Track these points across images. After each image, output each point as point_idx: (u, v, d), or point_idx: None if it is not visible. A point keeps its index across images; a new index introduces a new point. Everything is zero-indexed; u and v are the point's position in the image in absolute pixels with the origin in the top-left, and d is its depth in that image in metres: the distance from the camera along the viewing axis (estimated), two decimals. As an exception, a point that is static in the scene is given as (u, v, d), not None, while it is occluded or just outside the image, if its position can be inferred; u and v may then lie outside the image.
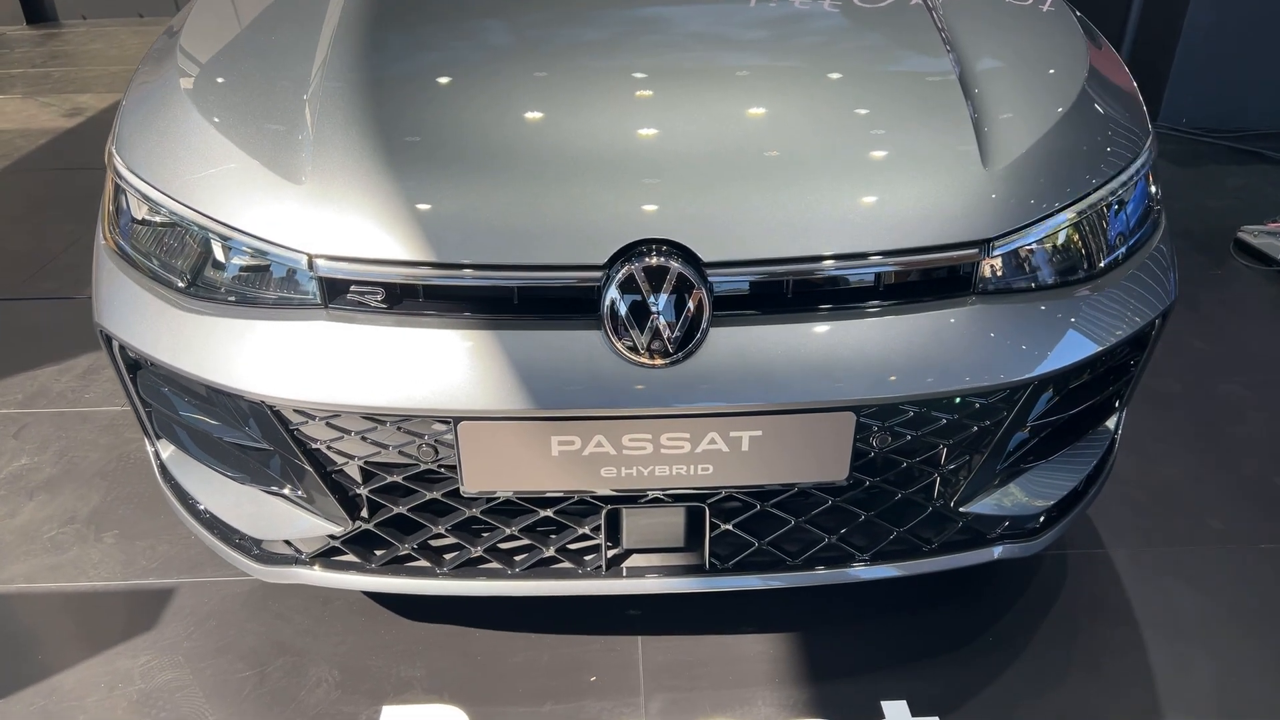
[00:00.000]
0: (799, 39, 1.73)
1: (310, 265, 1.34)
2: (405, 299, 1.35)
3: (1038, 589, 1.87)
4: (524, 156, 1.39)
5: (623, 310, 1.30)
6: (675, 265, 1.30)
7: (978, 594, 1.85)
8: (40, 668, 1.70)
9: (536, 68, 1.60)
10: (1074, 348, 1.43)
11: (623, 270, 1.30)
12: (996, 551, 1.59)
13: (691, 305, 1.30)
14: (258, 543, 1.56)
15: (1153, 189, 1.62)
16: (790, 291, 1.36)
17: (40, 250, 3.25)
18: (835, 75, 1.60)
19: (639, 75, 1.57)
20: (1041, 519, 1.63)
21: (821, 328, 1.35)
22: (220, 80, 1.61)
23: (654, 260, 1.30)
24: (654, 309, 1.30)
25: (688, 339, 1.31)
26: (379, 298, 1.35)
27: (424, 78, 1.57)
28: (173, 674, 1.69)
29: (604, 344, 1.32)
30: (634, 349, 1.31)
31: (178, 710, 1.62)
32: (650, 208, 1.34)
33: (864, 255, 1.34)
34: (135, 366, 1.53)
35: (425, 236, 1.32)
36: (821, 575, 1.53)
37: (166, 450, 1.65)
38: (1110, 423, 1.73)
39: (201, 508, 1.60)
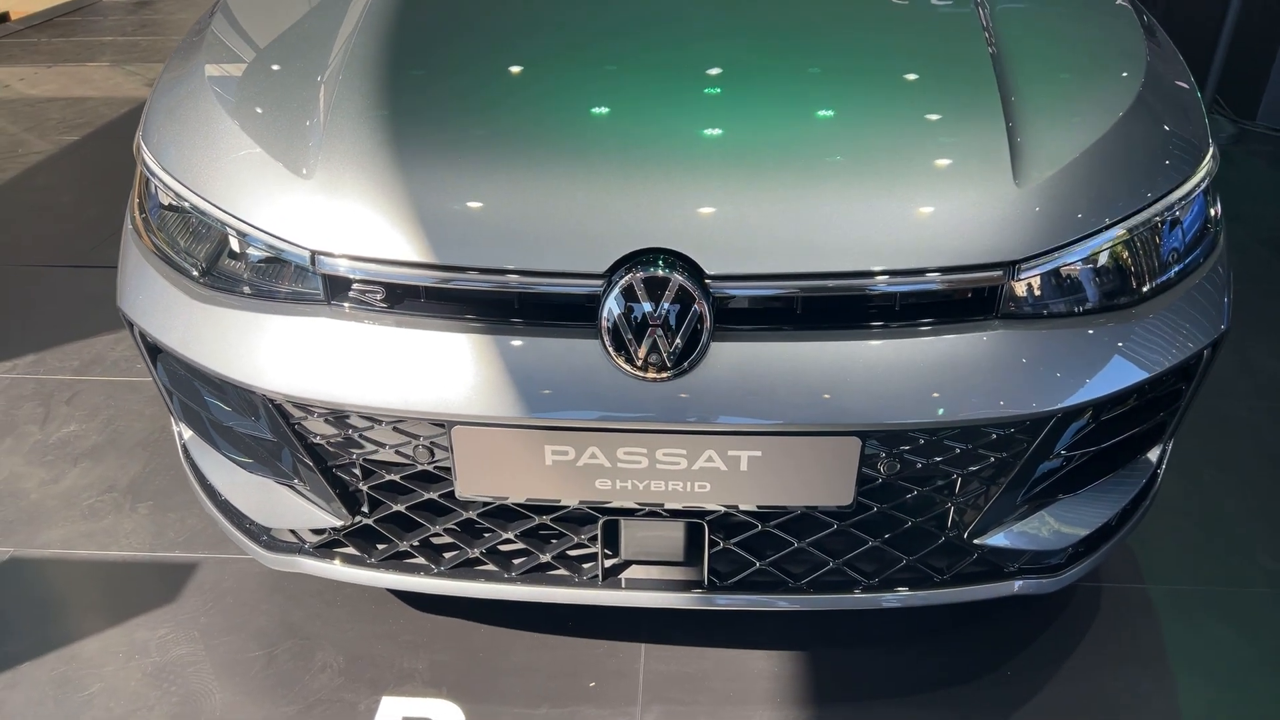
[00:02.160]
0: (824, 36, 1.65)
1: (313, 261, 1.34)
2: (405, 299, 1.34)
3: (1066, 622, 1.78)
4: (530, 160, 1.36)
5: (621, 321, 1.26)
6: (677, 277, 1.26)
7: (999, 622, 1.77)
8: (65, 633, 1.76)
9: (551, 71, 1.56)
10: (1106, 380, 1.34)
11: (623, 280, 1.26)
12: (1016, 586, 1.52)
13: (691, 319, 1.26)
14: (266, 530, 1.58)
15: (1212, 209, 1.50)
16: (796, 308, 1.30)
17: (110, 218, 3.36)
18: (858, 78, 1.52)
19: (652, 80, 1.52)
20: (1068, 553, 1.54)
21: (828, 347, 1.29)
22: (242, 72, 1.62)
23: (655, 271, 1.26)
24: (653, 321, 1.26)
25: (687, 353, 1.27)
26: (379, 297, 1.35)
27: (437, 75, 1.55)
28: (187, 648, 1.73)
29: (601, 354, 1.29)
30: (631, 361, 1.27)
31: (188, 685, 1.67)
32: (654, 216, 1.30)
33: (875, 273, 1.28)
34: (156, 350, 1.56)
35: (427, 237, 1.31)
36: (824, 600, 1.48)
37: (187, 432, 1.68)
38: (1152, 454, 1.62)
39: (216, 491, 1.63)
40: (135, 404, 2.41)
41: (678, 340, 1.26)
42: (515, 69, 1.56)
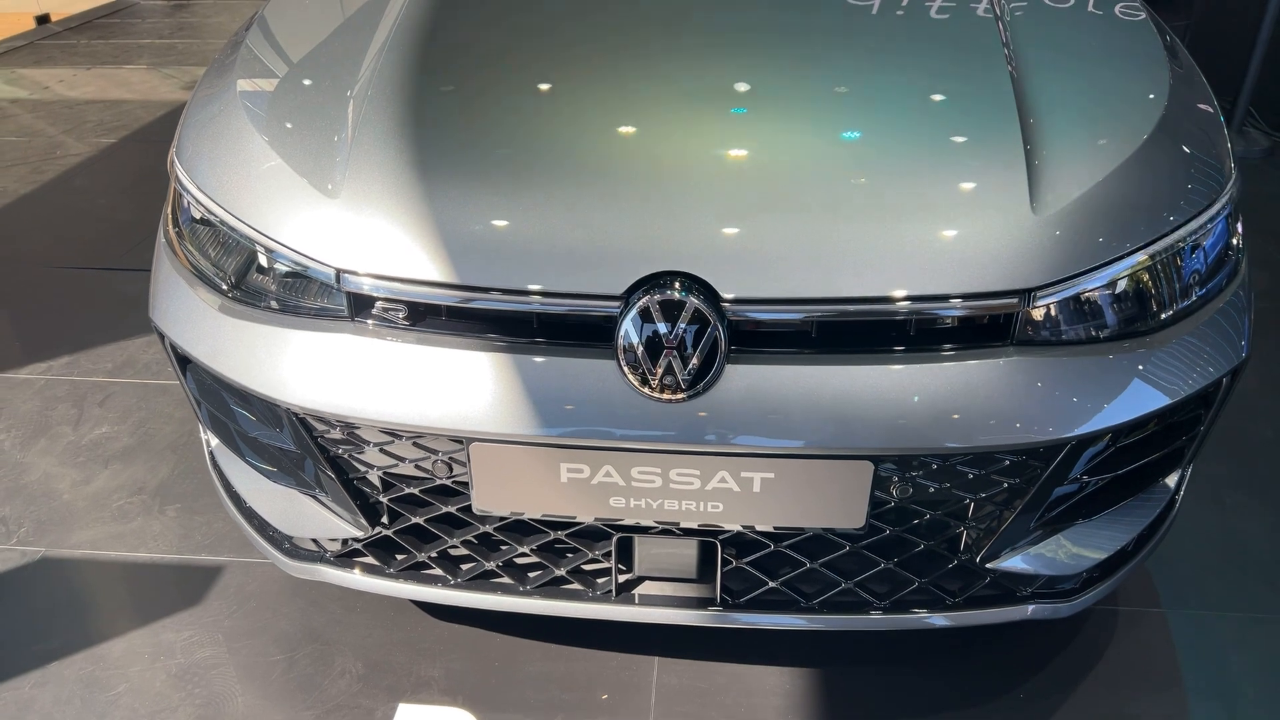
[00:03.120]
0: (843, 60, 1.66)
1: (338, 279, 1.37)
2: (427, 317, 1.37)
3: (1081, 645, 1.77)
4: (550, 182, 1.38)
5: (637, 342, 1.28)
6: (692, 300, 1.27)
7: (1014, 644, 1.77)
8: (93, 633, 1.81)
9: (572, 92, 1.58)
10: (1121, 408, 1.34)
11: (639, 302, 1.28)
12: (1029, 610, 1.52)
13: (706, 341, 1.27)
14: (288, 538, 1.62)
15: (1234, 237, 1.50)
16: (810, 332, 1.31)
17: (144, 221, 3.43)
18: (876, 102, 1.53)
19: (673, 104, 1.53)
20: (1082, 578, 1.54)
21: (842, 371, 1.30)
22: (274, 87, 1.66)
23: (671, 294, 1.28)
24: (668, 343, 1.28)
25: (701, 375, 1.29)
26: (402, 314, 1.37)
27: (462, 93, 1.58)
28: (211, 651, 1.77)
29: (617, 375, 1.31)
30: (646, 382, 1.29)
31: (210, 688, 1.70)
32: (671, 240, 1.31)
33: (889, 299, 1.28)
34: (185, 361, 1.60)
35: (449, 257, 1.33)
36: (836, 620, 1.49)
37: (214, 440, 1.72)
38: (1170, 480, 1.62)
39: (241, 498, 1.67)
40: (165, 407, 2.46)
41: (693, 362, 1.28)
42: (538, 89, 1.59)
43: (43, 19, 6.39)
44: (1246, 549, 1.98)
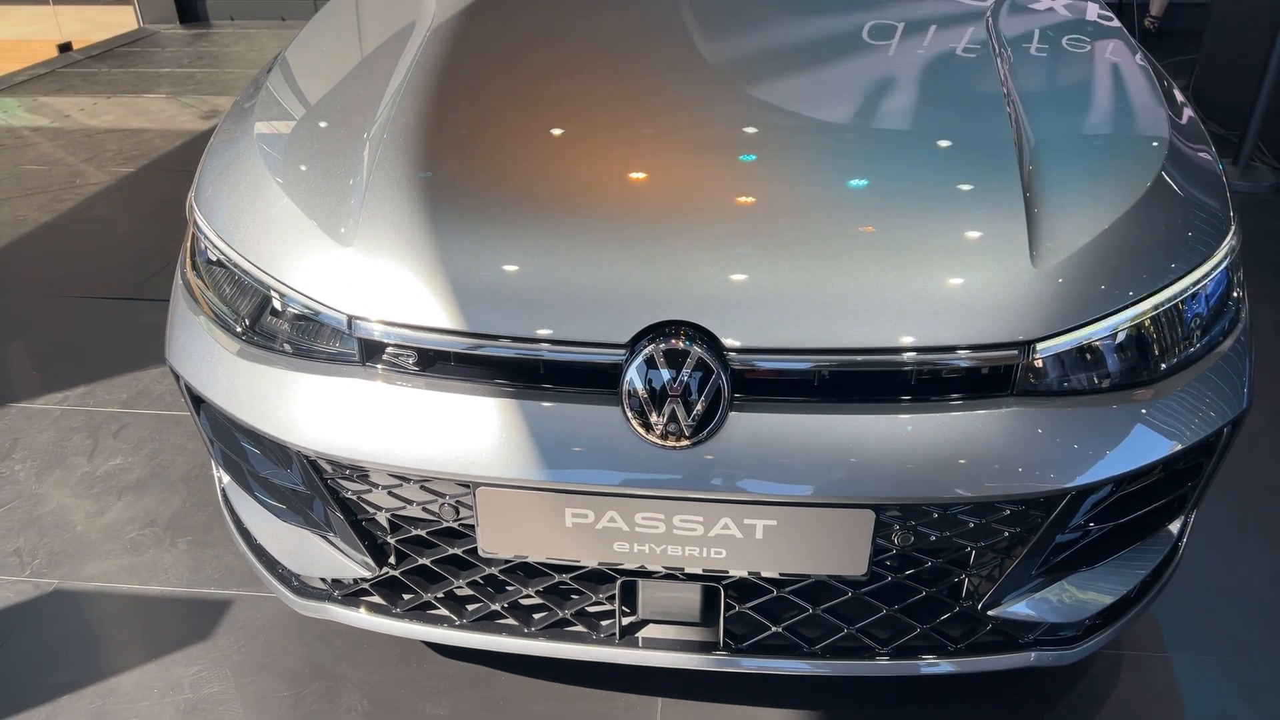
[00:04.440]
0: (846, 109, 1.69)
1: (350, 325, 1.40)
2: (436, 363, 1.39)
3: (1085, 689, 1.77)
4: (557, 232, 1.41)
5: (641, 390, 1.30)
6: (696, 349, 1.30)
7: (1017, 688, 1.77)
8: (104, 666, 1.83)
9: (581, 142, 1.62)
10: (1121, 458, 1.35)
11: (644, 351, 1.30)
12: (1032, 657, 1.52)
13: (710, 390, 1.29)
14: (297, 576, 1.64)
15: (1235, 289, 1.51)
16: (812, 381, 1.33)
17: (161, 251, 3.49)
18: (879, 154, 1.56)
19: (679, 154, 1.56)
20: (1085, 625, 1.55)
21: (843, 421, 1.32)
22: (292, 132, 1.70)
23: (675, 342, 1.30)
24: (672, 391, 1.30)
25: (704, 423, 1.31)
26: (412, 360, 1.40)
27: (474, 141, 1.61)
28: (219, 686, 1.79)
29: (621, 422, 1.33)
30: (650, 429, 1.31)
31: (218, 723, 1.72)
32: (675, 289, 1.34)
33: (890, 349, 1.30)
34: (199, 401, 1.63)
35: (459, 305, 1.36)
36: (839, 665, 1.50)
37: (226, 477, 1.75)
38: (1174, 526, 1.62)
39: (252, 535, 1.69)
40: (178, 438, 2.49)
41: (696, 410, 1.30)
42: (549, 136, 1.62)
43: (65, 47, 6.50)
44: (1253, 592, 1.98)
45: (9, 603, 1.98)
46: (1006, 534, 1.40)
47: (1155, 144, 1.60)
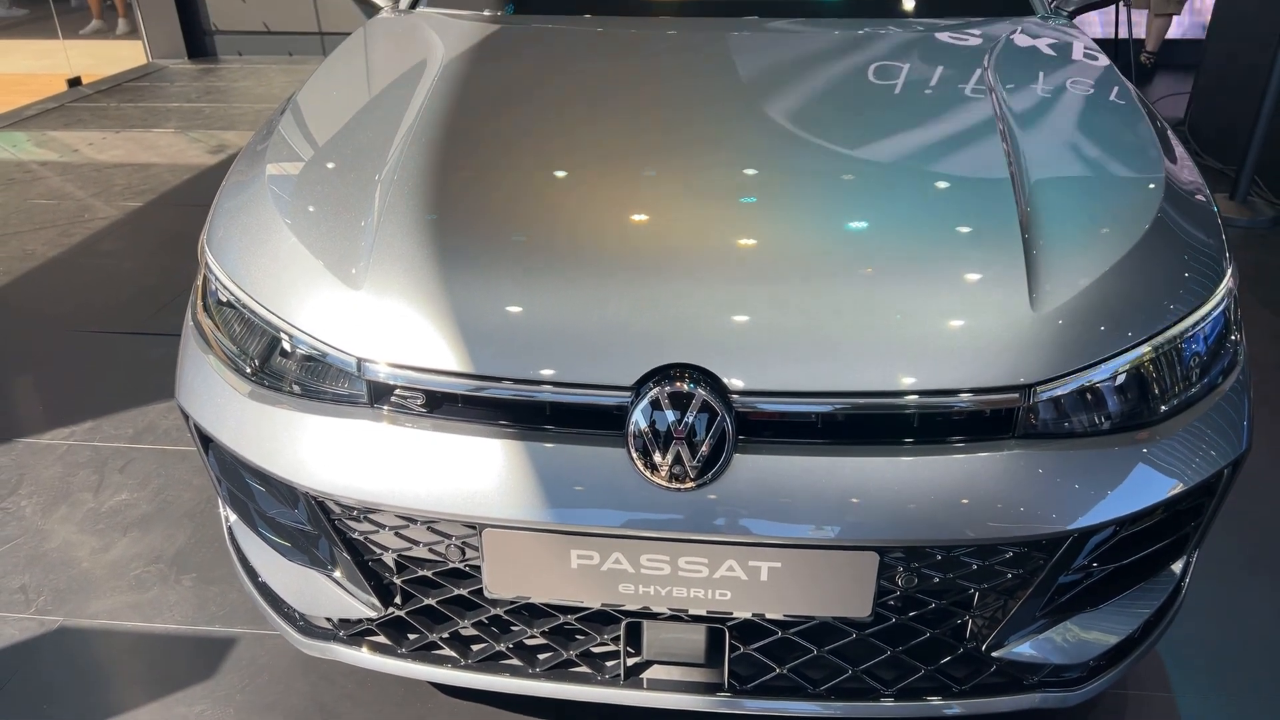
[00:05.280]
0: (844, 146, 1.72)
1: (359, 368, 1.42)
2: (444, 404, 1.41)
3: (1091, 730, 1.77)
4: (564, 275, 1.43)
5: (646, 432, 1.31)
6: (701, 392, 1.31)
7: (1023, 729, 1.77)
8: (108, 705, 1.83)
9: (587, 186, 1.65)
10: (1122, 501, 1.36)
11: (649, 393, 1.32)
12: (1037, 699, 1.52)
13: (715, 432, 1.31)
14: (302, 615, 1.64)
15: (1233, 333, 1.53)
16: (816, 423, 1.35)
17: (169, 286, 3.51)
18: (878, 199, 1.58)
19: (683, 198, 1.59)
20: (1089, 666, 1.55)
21: (846, 463, 1.33)
22: (302, 177, 1.73)
23: (680, 385, 1.32)
24: (677, 434, 1.31)
25: (709, 465, 1.32)
26: (420, 402, 1.42)
27: (482, 185, 1.64)
28: (223, 726, 1.79)
29: (627, 463, 1.34)
30: (655, 470, 1.32)
31: (222, 763, 1.72)
32: (680, 332, 1.36)
33: (893, 393, 1.32)
34: (208, 441, 1.64)
35: (467, 347, 1.38)
36: (844, 707, 1.50)
37: (233, 516, 1.76)
38: (1176, 566, 1.63)
39: (257, 574, 1.70)
40: (184, 473, 2.50)
41: (701, 452, 1.31)
42: (555, 179, 1.65)
43: (74, 81, 6.59)
44: (1258, 632, 1.97)
45: (14, 640, 1.99)
46: (1010, 575, 1.41)
47: (1152, 185, 1.63)
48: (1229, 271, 1.55)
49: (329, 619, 1.62)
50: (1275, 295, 3.39)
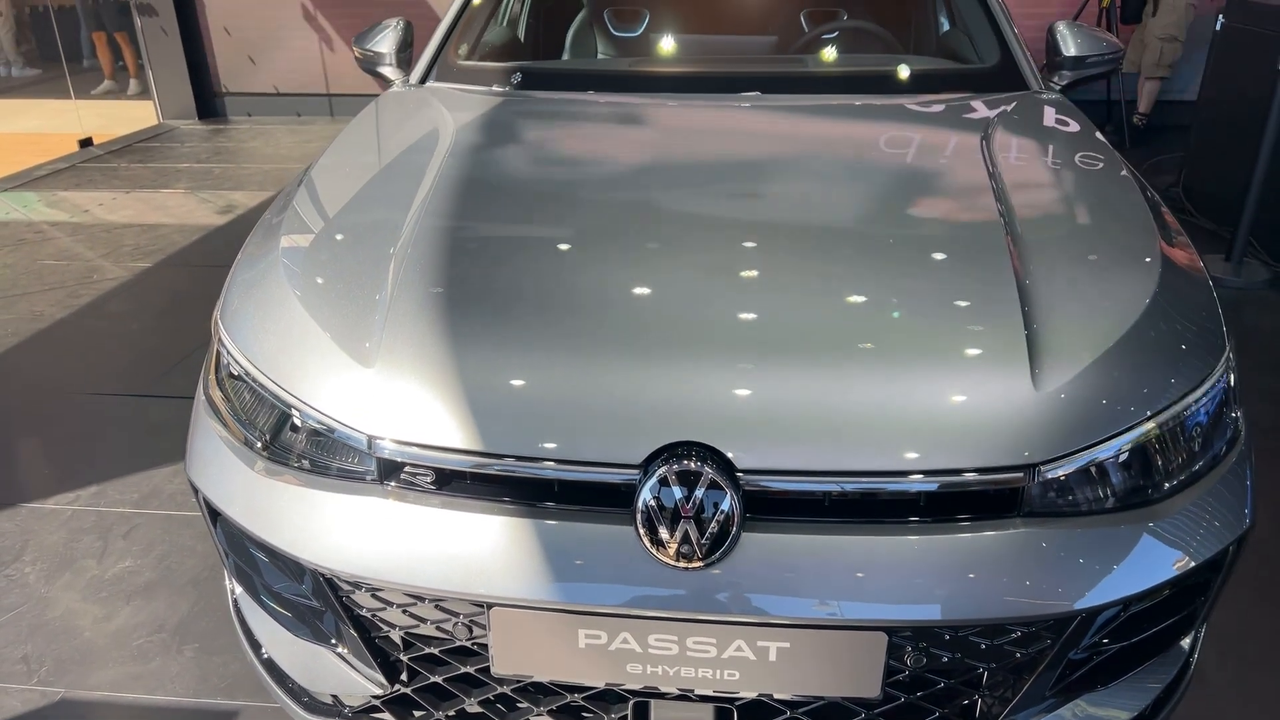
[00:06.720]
0: (846, 225, 1.76)
1: (370, 445, 1.43)
2: (453, 481, 1.42)
3: (1103, 808, 1.74)
4: (572, 355, 1.46)
5: (654, 511, 1.32)
6: (708, 471, 1.32)
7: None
8: (108, 782, 1.81)
9: (594, 266, 1.68)
10: (1128, 579, 1.36)
11: (657, 472, 1.33)
12: (1048, 776, 1.51)
13: (723, 511, 1.32)
14: (307, 691, 1.63)
15: (1233, 411, 1.54)
16: (823, 502, 1.36)
17: (175, 348, 3.54)
18: (881, 271, 1.62)
19: (689, 278, 1.62)
20: (1100, 743, 1.54)
21: (855, 543, 1.34)
22: (316, 253, 1.76)
23: (688, 464, 1.33)
24: (685, 512, 1.32)
25: (717, 544, 1.32)
26: (429, 479, 1.43)
27: (492, 264, 1.67)
28: (224, 803, 1.77)
29: (635, 542, 1.35)
30: (663, 549, 1.33)
31: (222, 843, 1.70)
32: (687, 411, 1.37)
33: (899, 473, 1.33)
34: (216, 514, 1.65)
35: (477, 426, 1.39)
36: (852, 788, 1.48)
37: (239, 588, 1.76)
38: (1185, 642, 1.63)
39: (262, 648, 1.69)
40: (188, 540, 2.50)
41: (710, 529, 1.32)
42: (564, 259, 1.68)
43: (86, 142, 6.70)
44: (1270, 705, 1.96)
45: (16, 712, 1.97)
46: (1019, 654, 1.40)
47: (1149, 259, 1.66)
48: (1228, 346, 1.57)
49: (334, 695, 1.61)
50: (1271, 359, 3.41)
